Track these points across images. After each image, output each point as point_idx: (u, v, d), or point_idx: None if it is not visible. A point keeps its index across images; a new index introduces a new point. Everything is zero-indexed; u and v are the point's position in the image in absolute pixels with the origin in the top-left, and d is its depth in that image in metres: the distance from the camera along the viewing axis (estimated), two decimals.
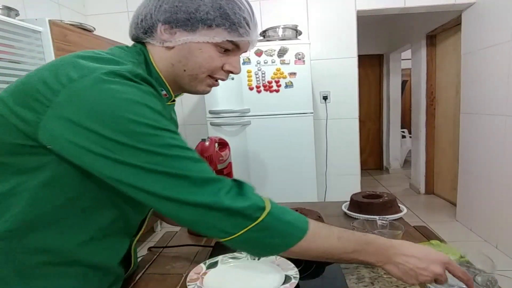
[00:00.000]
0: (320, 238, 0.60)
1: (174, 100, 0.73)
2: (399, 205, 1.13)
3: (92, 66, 0.52)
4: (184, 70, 0.64)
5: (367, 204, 1.09)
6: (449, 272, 0.61)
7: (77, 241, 0.59)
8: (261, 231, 0.56)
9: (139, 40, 0.66)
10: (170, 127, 0.55)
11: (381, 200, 1.10)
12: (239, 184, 0.58)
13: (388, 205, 1.09)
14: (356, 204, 1.12)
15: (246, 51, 0.69)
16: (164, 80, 0.66)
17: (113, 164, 0.50)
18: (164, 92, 0.67)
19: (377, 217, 0.96)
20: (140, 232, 0.75)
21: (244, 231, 0.55)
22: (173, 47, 0.63)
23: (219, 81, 0.69)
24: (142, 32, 0.64)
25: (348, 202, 1.18)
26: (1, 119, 0.53)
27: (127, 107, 0.50)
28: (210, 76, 0.66)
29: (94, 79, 0.50)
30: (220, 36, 0.61)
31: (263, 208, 0.56)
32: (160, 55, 0.64)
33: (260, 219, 0.55)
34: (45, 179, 0.54)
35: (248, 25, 0.63)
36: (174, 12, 0.60)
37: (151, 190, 0.52)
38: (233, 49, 0.65)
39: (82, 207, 0.58)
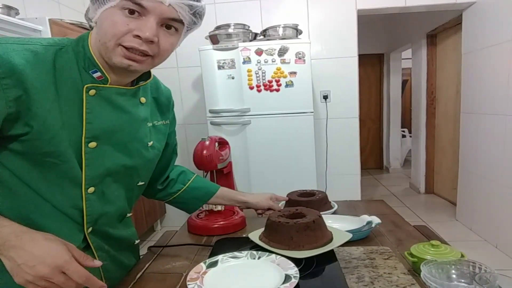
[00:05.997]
0: None
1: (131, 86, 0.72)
2: (331, 201, 1.18)
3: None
4: (99, 41, 0.63)
5: (306, 202, 1.09)
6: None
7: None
8: None
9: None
10: None
11: (317, 198, 1.13)
12: None
13: (323, 202, 1.13)
14: (296, 202, 1.11)
15: (167, 17, 0.63)
16: (97, 61, 0.65)
17: None
18: (98, 74, 0.66)
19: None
20: (85, 219, 0.69)
21: None
22: (96, 23, 0.64)
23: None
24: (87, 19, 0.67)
25: (284, 202, 1.17)
26: None
27: None
28: (121, 45, 0.62)
29: None
30: None
31: None
32: (93, 36, 0.66)
33: None
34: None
35: None
36: None
37: None
38: (141, 11, 0.60)
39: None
